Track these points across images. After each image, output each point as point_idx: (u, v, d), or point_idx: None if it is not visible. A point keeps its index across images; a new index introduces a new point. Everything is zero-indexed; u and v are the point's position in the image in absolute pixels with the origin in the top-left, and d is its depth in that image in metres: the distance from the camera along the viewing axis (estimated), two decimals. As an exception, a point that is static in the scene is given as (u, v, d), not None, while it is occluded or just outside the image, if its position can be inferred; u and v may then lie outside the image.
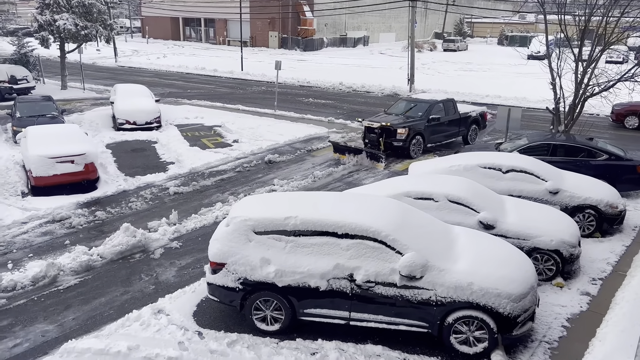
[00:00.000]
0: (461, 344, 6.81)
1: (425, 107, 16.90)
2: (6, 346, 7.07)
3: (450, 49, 62.75)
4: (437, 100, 17.31)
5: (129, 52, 52.13)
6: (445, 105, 17.32)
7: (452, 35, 73.13)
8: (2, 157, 15.35)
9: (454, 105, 17.67)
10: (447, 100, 17.62)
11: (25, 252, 9.86)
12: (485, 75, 39.10)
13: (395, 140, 15.98)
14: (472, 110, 18.61)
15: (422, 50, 58.73)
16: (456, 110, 17.62)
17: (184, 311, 7.76)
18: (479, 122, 18.82)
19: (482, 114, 18.97)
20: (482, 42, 77.77)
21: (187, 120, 21.60)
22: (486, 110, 19.49)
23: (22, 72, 26.24)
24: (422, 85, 31.21)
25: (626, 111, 20.79)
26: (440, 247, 7.16)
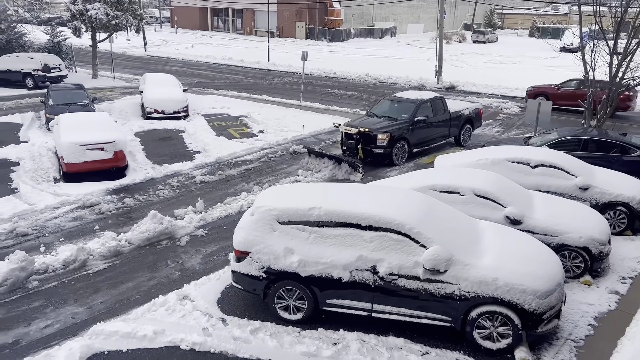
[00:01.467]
0: (484, 339, 6.76)
1: (410, 108, 15.22)
2: (38, 326, 7.31)
3: (480, 41, 61.67)
4: (424, 99, 15.60)
5: (157, 42, 52.80)
6: (434, 105, 15.71)
7: (482, 26, 71.81)
8: (35, 143, 15.79)
9: (443, 104, 16.10)
10: (435, 98, 15.97)
11: (56, 236, 10.15)
12: (515, 68, 38.31)
13: (376, 147, 14.24)
14: (465, 107, 16.99)
15: (450, 42, 57.85)
16: (446, 110, 16.06)
17: (208, 298, 7.88)
18: (473, 121, 17.28)
19: (476, 112, 17.44)
20: (512, 33, 76.20)
21: (214, 110, 21.82)
22: (480, 107, 18.07)
23: (55, 61, 26.86)
24: (449, 77, 30.79)
25: (536, 92, 23.64)
26: (465, 241, 7.09)
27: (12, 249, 9.13)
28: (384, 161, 14.54)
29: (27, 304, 7.84)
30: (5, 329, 7.23)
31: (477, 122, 17.63)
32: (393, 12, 68.80)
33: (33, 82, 25.53)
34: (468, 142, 17.04)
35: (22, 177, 13.11)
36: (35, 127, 18.14)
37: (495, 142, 15.18)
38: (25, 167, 13.84)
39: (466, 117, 16.82)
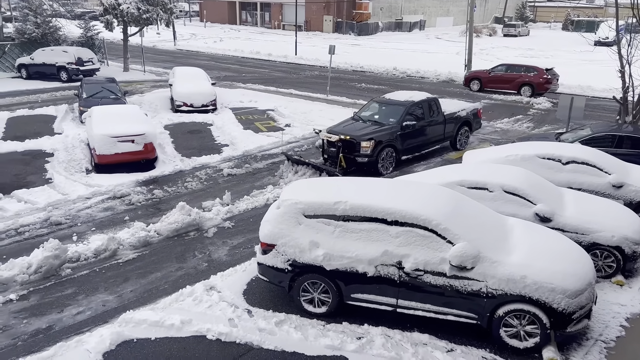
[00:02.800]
0: (511, 337, 6.67)
1: (398, 111, 13.87)
2: (70, 313, 7.53)
3: (511, 34, 60.43)
4: (414, 101, 14.20)
5: (187, 36, 53.42)
6: (425, 107, 14.40)
7: (513, 19, 70.28)
8: (68, 135, 16.20)
9: (436, 105, 14.77)
10: (427, 100, 14.61)
11: (88, 226, 10.42)
12: (547, 62, 37.41)
13: (360, 155, 12.91)
14: (461, 108, 15.65)
15: (480, 35, 56.86)
16: (439, 111, 14.75)
17: (234, 289, 7.98)
18: (471, 123, 15.95)
19: (474, 112, 16.08)
20: (545, 27, 74.39)
21: (241, 103, 21.98)
22: (480, 106, 16.66)
23: (88, 54, 27.45)
24: (479, 72, 30.23)
25: (471, 77, 26.72)
26: (493, 238, 6.99)
27: (47, 238, 9.40)
28: (368, 170, 13.05)
29: (60, 291, 8.08)
30: (40, 314, 7.47)
31: (475, 123, 16.27)
32: (422, 5, 67.98)
33: (67, 75, 26.17)
34: (466, 146, 15.90)
35: (56, 168, 13.49)
36: (69, 119, 18.61)
37: (526, 137, 14.89)
38: (59, 158, 14.22)
39: (463, 118, 15.54)
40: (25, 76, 26.76)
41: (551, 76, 24.51)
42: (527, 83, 24.61)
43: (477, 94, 25.66)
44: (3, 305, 7.66)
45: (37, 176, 12.95)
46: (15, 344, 6.82)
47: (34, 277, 8.35)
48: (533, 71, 24.88)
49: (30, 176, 12.93)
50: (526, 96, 24.45)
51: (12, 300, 7.79)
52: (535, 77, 24.51)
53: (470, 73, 27.41)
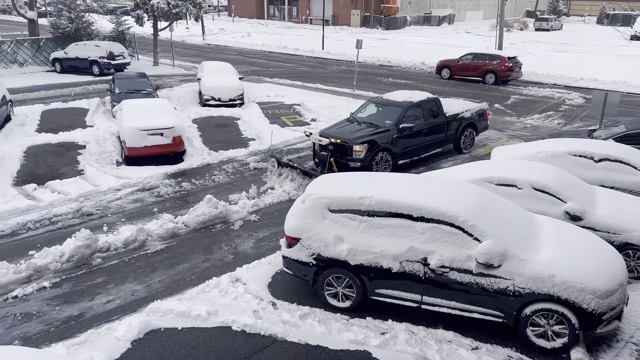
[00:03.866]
0: (538, 337, 6.56)
1: (395, 113, 13.02)
2: (101, 301, 7.74)
3: (543, 29, 59.02)
4: (413, 102, 13.28)
5: (215, 31, 53.90)
6: (425, 108, 13.46)
7: (546, 13, 68.64)
8: (100, 128, 16.58)
9: (437, 106, 13.81)
10: (428, 100, 13.64)
11: (118, 217, 10.66)
12: (580, 57, 36.47)
13: (352, 160, 12.09)
14: (465, 109, 14.65)
15: (511, 30, 55.73)
16: (441, 112, 13.82)
17: (259, 281, 8.07)
18: (476, 124, 14.94)
19: (480, 113, 15.07)
20: (579, 21, 72.44)
21: (268, 98, 22.10)
22: (486, 107, 15.63)
23: (119, 49, 28.00)
24: (509, 67, 29.66)
25: (442, 65, 28.25)
26: (522, 236, 6.88)
27: (78, 228, 9.67)
28: None
29: (91, 280, 8.30)
30: (72, 302, 7.70)
31: (481, 125, 15.24)
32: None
33: (99, 69, 26.74)
34: (470, 149, 15.04)
35: (88, 160, 13.83)
36: (100, 113, 19.03)
37: (557, 134, 14.54)
38: (90, 150, 14.57)
39: (467, 120, 14.55)
40: (59, 70, 27.48)
41: (513, 64, 26.03)
42: (490, 70, 26.26)
43: (447, 81, 27.37)
44: (37, 292, 7.92)
45: (69, 168, 13.30)
46: (49, 329, 7.05)
47: (66, 265, 8.60)
48: (496, 59, 26.50)
49: (63, 167, 13.30)
50: (490, 83, 26.26)
51: (45, 287, 8.04)
52: (498, 65, 26.13)
53: (441, 62, 28.60)
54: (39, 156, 14.11)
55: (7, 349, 3.87)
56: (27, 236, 9.75)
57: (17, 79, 24.61)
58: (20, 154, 14.14)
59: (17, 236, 9.74)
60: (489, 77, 26.41)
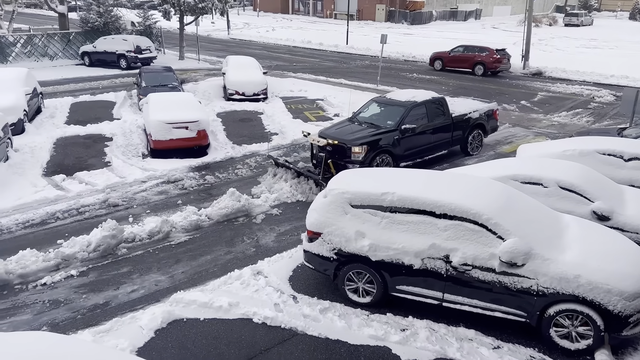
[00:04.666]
0: (562, 338, 6.46)
1: (397, 113, 12.44)
2: (125, 291, 7.90)
3: (573, 24, 57.70)
4: (417, 102, 12.66)
5: (240, 25, 54.17)
6: (430, 108, 12.86)
7: (576, 8, 67.04)
8: (126, 121, 16.86)
9: (443, 106, 13.20)
10: (432, 100, 13.04)
11: (143, 208, 10.85)
12: (611, 53, 35.58)
13: (350, 162, 11.58)
14: (473, 109, 13.98)
15: (540, 25, 54.63)
16: (446, 113, 13.22)
17: (280, 275, 8.12)
18: (484, 125, 14.24)
19: (489, 114, 14.36)
20: (610, 16, 70.54)
21: (291, 92, 22.15)
22: (496, 107, 14.90)
23: (146, 43, 28.40)
24: (537, 63, 29.18)
25: (435, 57, 29.39)
26: (547, 235, 6.77)
27: (105, 218, 9.88)
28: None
29: (116, 269, 8.48)
30: (97, 290, 7.88)
31: (491, 126, 14.58)
32: (478, -6, 65.95)
33: (126, 62, 27.17)
34: (478, 152, 14.36)
35: (115, 152, 14.09)
36: (127, 106, 19.34)
37: (585, 132, 14.23)
38: (117, 142, 14.85)
39: (475, 120, 13.89)
40: (87, 63, 28.02)
41: (501, 56, 27.19)
42: (479, 62, 27.36)
43: (440, 72, 28.43)
44: (65, 280, 8.13)
45: (97, 159, 13.58)
46: (75, 317, 7.24)
47: (93, 255, 8.80)
48: (485, 51, 27.62)
49: (90, 159, 13.58)
50: (479, 74, 27.36)
51: (73, 276, 8.25)
52: (486, 57, 27.21)
53: (434, 54, 29.66)
54: (67, 147, 14.45)
55: (36, 334, 3.99)
56: (55, 225, 10.01)
57: (48, 72, 25.18)
58: (50, 145, 14.49)
59: (47, 225, 10.01)
60: (477, 69, 27.41)
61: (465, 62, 28.09)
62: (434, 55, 29.63)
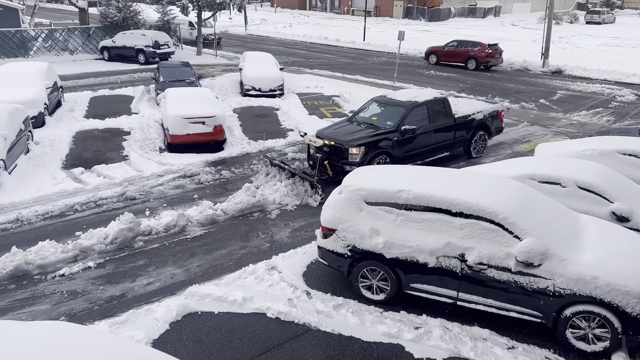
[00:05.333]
0: (578, 339, 6.38)
1: (397, 113, 12.08)
2: (141, 283, 8.00)
3: (594, 22, 56.74)
4: (417, 102, 12.32)
5: (257, 21, 54.32)
6: (431, 109, 12.48)
7: (598, 6, 65.85)
8: (144, 115, 17.03)
9: (445, 106, 12.81)
10: (434, 100, 12.64)
11: (160, 202, 10.95)
12: (633, 52, 34.88)
13: (347, 163, 11.29)
14: (477, 110, 13.53)
15: (560, 23, 53.82)
16: (449, 114, 12.84)
17: (294, 270, 8.15)
18: (488, 127, 13.75)
19: (493, 115, 13.83)
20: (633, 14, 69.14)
21: (307, 89, 22.15)
22: (502, 108, 14.40)
23: (164, 38, 28.62)
24: (557, 61, 28.77)
25: (430, 51, 30.40)
26: (564, 235, 6.68)
27: (122, 211, 10.00)
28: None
29: (132, 262, 8.59)
30: (114, 282, 7.99)
31: (495, 127, 14.07)
32: (498, -10, 65.15)
33: (144, 57, 27.43)
34: (482, 153, 13.93)
35: (132, 146, 14.24)
36: (145, 100, 19.53)
37: (605, 132, 13.99)
38: (135, 136, 15.00)
39: (479, 121, 13.45)
40: (106, 58, 28.36)
41: (493, 51, 28.06)
42: (471, 56, 28.17)
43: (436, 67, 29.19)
44: (82, 271, 8.25)
45: (115, 153, 13.74)
46: (92, 308, 7.35)
47: (110, 247, 8.91)
48: (478, 46, 28.51)
49: (109, 152, 13.75)
50: (471, 68, 28.08)
51: (90, 267, 8.37)
52: (479, 51, 28.05)
53: (429, 48, 30.74)
54: (86, 141, 14.64)
55: (55, 324, 4.06)
56: (74, 217, 10.17)
57: (68, 66, 25.53)
58: (69, 138, 14.71)
59: (65, 217, 10.17)
60: (470, 63, 28.26)
61: (458, 56, 28.89)
62: (429, 49, 30.52)
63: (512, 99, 20.98)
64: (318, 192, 10.89)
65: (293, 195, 11.05)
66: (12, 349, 3.53)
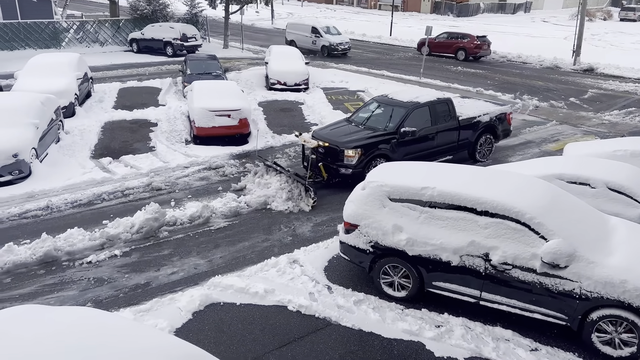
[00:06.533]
0: (604, 344, 6.24)
1: (398, 114, 11.55)
2: (166, 272, 8.13)
3: (629, 19, 55.12)
4: (419, 102, 11.77)
5: (284, 15, 54.33)
6: (434, 110, 11.89)
7: (633, 2, 63.90)
8: (171, 107, 17.24)
9: (448, 108, 12.19)
10: (437, 101, 12.06)
11: (185, 193, 11.10)
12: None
13: (343, 166, 10.94)
14: (483, 112, 12.90)
15: (593, 19, 52.45)
16: (453, 116, 12.23)
17: (316, 265, 8.17)
18: (495, 129, 13.10)
19: (500, 117, 13.19)
20: (671, 10, 66.79)
21: (332, 83, 22.10)
22: (509, 110, 13.68)
23: (192, 31, 28.89)
24: (589, 58, 28.06)
25: (422, 43, 29.41)
26: (592, 237, 6.53)
27: (148, 201, 10.17)
28: (354, 184, 10.21)
29: (157, 251, 8.73)
30: (139, 271, 8.14)
31: (502, 130, 13.37)
32: (529, -14, 63.80)
33: (172, 50, 27.75)
34: (488, 157, 13.27)
35: (159, 137, 14.45)
36: (172, 92, 19.77)
37: (637, 132, 13.60)
38: (162, 128, 15.21)
39: (485, 124, 12.81)
40: (135, 50, 28.79)
41: (482, 42, 29.39)
42: (461, 47, 29.48)
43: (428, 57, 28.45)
44: (109, 259, 8.43)
45: (142, 144, 13.97)
46: (118, 295, 7.50)
47: (136, 236, 9.08)
48: (467, 38, 29.81)
49: (136, 143, 13.98)
50: (460, 59, 29.38)
51: (116, 255, 8.54)
52: (467, 43, 29.33)
53: (421, 40, 30.73)
54: (114, 131, 14.91)
55: (82, 309, 4.16)
56: (101, 206, 10.38)
57: (98, 58, 26.00)
58: (98, 128, 15.00)
59: (93, 206, 10.39)
60: (460, 54, 29.56)
61: (448, 47, 30.34)
62: (421, 41, 30.83)
63: (541, 97, 20.57)
64: (311, 196, 10.44)
65: (286, 200, 10.52)
66: (41, 331, 3.63)
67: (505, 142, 14.74)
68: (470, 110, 12.90)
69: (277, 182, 11.03)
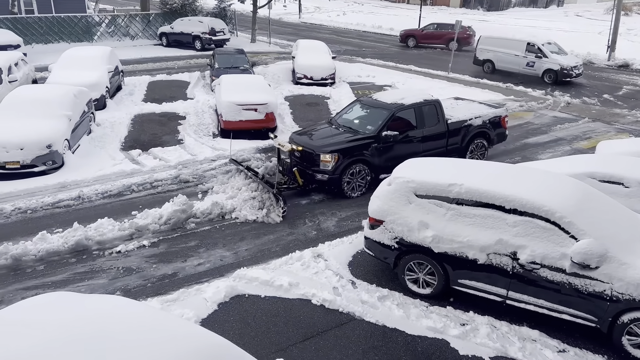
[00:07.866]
0: (635, 347, 6.08)
1: (379, 116, 10.88)
2: (192, 263, 8.26)
3: (668, 13, 53.07)
4: (403, 104, 11.06)
5: (311, 9, 54.22)
6: (419, 113, 11.16)
7: (674, -5, 61.55)
8: (199, 101, 17.43)
9: (436, 110, 11.40)
10: (423, 103, 11.30)
11: (212, 186, 11.20)
12: None
13: (318, 171, 10.38)
14: (476, 115, 12.07)
15: (630, 14, 50.78)
16: (440, 119, 11.44)
17: (340, 259, 8.17)
18: (489, 134, 12.24)
19: (494, 121, 12.31)
20: None
21: (359, 78, 21.99)
22: (504, 113, 12.70)
23: (220, 25, 29.11)
24: (624, 54, 27.22)
25: (406, 34, 32.12)
26: (625, 238, 6.36)
27: (176, 193, 10.33)
28: (330, 190, 10.68)
29: (184, 243, 8.87)
30: (167, 261, 8.28)
31: (497, 134, 12.50)
32: (563, -21, 62.15)
33: (200, 44, 28.03)
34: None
35: (187, 130, 14.64)
36: (200, 86, 19.98)
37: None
38: (190, 121, 15.40)
39: (477, 128, 11.98)
40: (165, 44, 29.19)
41: (469, 33, 30.50)
42: (453, 38, 27.61)
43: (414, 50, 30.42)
44: (137, 249, 8.60)
45: (170, 136, 14.17)
46: (146, 285, 7.66)
47: (164, 227, 9.24)
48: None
49: (164, 136, 14.19)
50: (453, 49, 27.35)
51: (144, 246, 8.71)
52: (460, 33, 27.95)
53: (404, 31, 32.48)
54: (144, 124, 15.17)
55: (111, 297, 4.26)
56: (130, 197, 10.59)
57: (129, 51, 26.44)
58: (128, 121, 15.28)
59: (123, 197, 10.60)
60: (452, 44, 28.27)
61: (439, 38, 31.32)
62: (404, 32, 32.38)
63: (573, 93, 20.07)
64: (280, 205, 9.73)
65: (252, 207, 9.89)
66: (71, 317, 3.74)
67: (535, 140, 14.47)
68: (462, 113, 12.13)
69: (246, 189, 10.45)
